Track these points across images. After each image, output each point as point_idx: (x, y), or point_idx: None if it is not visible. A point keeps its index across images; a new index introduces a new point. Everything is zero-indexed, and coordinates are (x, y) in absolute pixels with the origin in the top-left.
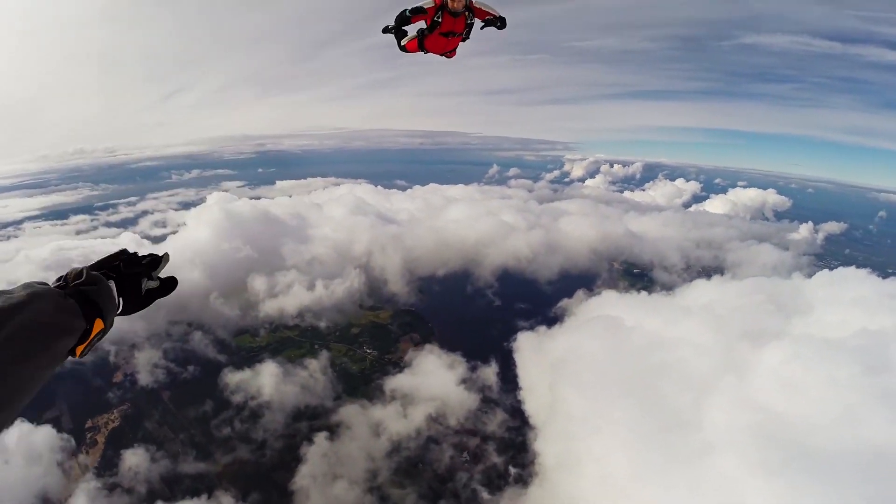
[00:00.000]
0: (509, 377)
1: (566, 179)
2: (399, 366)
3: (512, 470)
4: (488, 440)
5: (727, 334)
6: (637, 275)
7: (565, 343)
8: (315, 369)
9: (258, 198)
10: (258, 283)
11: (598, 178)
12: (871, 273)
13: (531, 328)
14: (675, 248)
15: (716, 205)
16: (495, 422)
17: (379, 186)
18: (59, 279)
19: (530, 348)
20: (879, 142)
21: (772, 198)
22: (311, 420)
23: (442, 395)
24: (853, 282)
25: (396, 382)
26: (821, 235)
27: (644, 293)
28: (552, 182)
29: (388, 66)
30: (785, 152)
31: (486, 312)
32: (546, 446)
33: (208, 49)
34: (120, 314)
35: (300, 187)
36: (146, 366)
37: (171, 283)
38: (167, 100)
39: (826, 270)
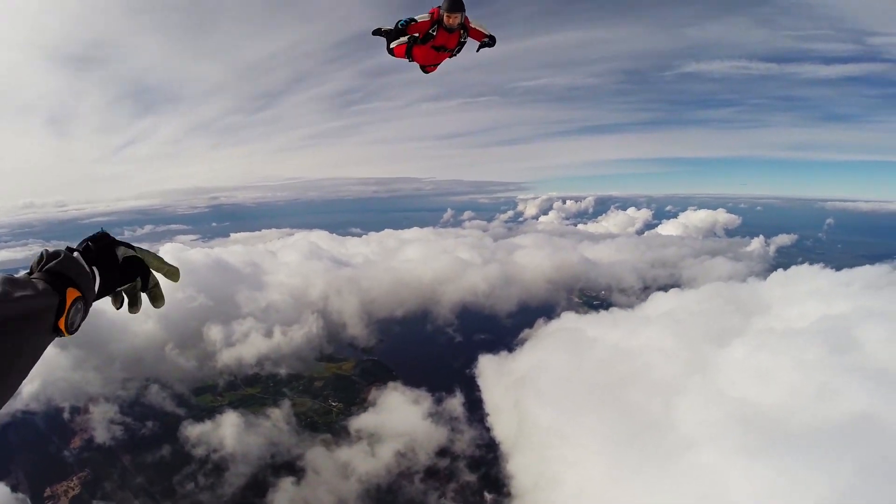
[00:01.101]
0: (476, 405)
1: (520, 219)
2: (363, 406)
3: (488, 496)
4: (460, 464)
5: (689, 338)
6: (595, 299)
7: (527, 361)
8: (278, 418)
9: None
10: (214, 333)
11: (552, 214)
12: (824, 268)
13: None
14: (631, 269)
15: (668, 228)
16: (466, 449)
17: (334, 235)
18: (24, 273)
19: (493, 372)
20: (821, 154)
21: (722, 217)
22: (276, 468)
23: (409, 431)
24: (807, 277)
25: (361, 422)
26: (772, 248)
27: (604, 312)
28: (506, 222)
29: (339, 114)
30: (732, 174)
31: (447, 349)
32: (519, 467)
33: (162, 99)
34: (105, 289)
35: (255, 239)
36: (102, 422)
37: (152, 261)
38: (119, 151)
39: (780, 270)
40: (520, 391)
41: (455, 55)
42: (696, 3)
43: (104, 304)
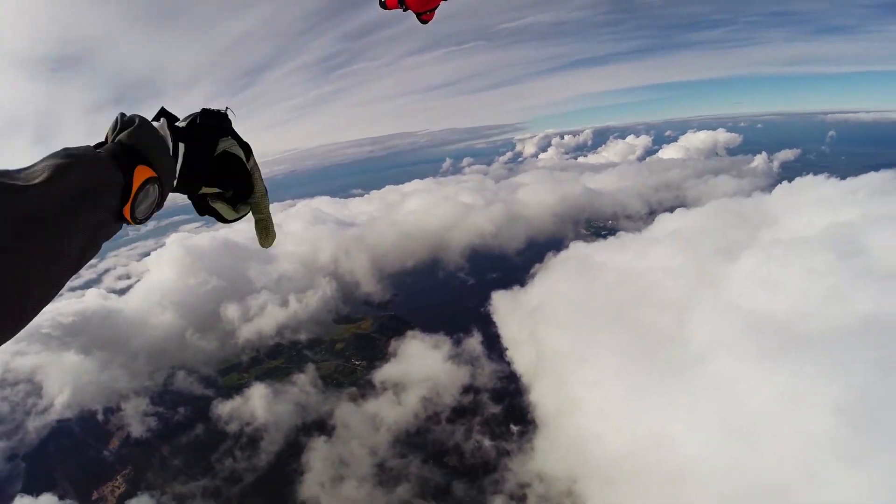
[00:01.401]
0: (494, 341)
1: (519, 159)
2: (386, 359)
3: (514, 427)
4: (483, 398)
5: (697, 254)
6: (602, 228)
7: (539, 292)
8: (304, 383)
9: None
10: (231, 311)
11: (551, 150)
12: (829, 177)
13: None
14: (636, 195)
15: (669, 152)
16: (488, 384)
17: (336, 199)
18: (97, 144)
19: (507, 308)
20: (818, 67)
21: (722, 136)
22: (307, 429)
23: (432, 375)
24: (813, 188)
25: (385, 374)
26: (776, 163)
27: (611, 238)
28: (506, 163)
29: (324, 81)
30: (729, 94)
31: (461, 292)
32: (541, 395)
33: (145, 94)
34: (187, 180)
35: None
36: (136, 416)
37: (251, 177)
38: None
39: (785, 182)
40: (535, 322)
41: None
42: None
43: (120, 304)
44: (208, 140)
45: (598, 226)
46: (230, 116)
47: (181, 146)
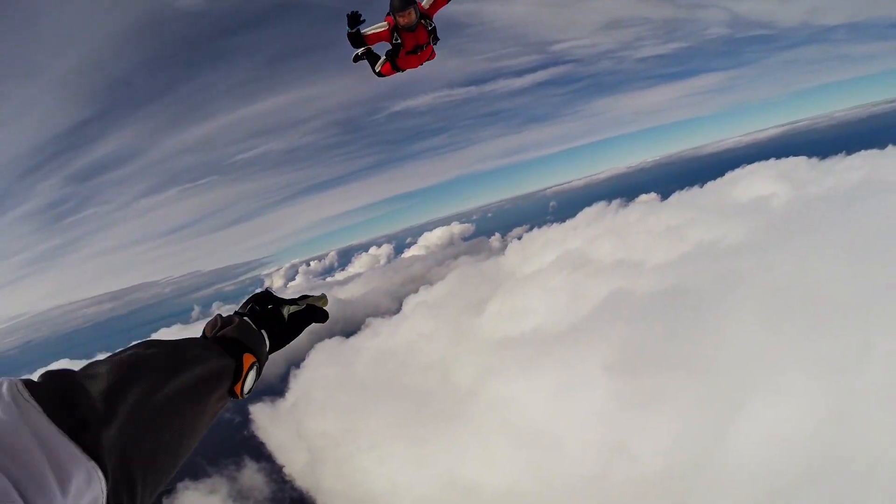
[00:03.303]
0: (268, 460)
1: None
2: None
3: None
4: None
5: (447, 317)
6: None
7: (298, 391)
8: None
9: None
10: None
11: (299, 278)
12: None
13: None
14: (384, 294)
15: (411, 253)
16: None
17: (77, 361)
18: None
19: (270, 419)
20: (530, 153)
21: (457, 228)
22: None
23: None
24: (539, 237)
25: None
26: (510, 239)
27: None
28: None
29: (53, 231)
30: (459, 193)
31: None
32: (325, 483)
33: None
34: (274, 346)
35: None
36: None
37: (317, 309)
38: None
39: (516, 241)
40: (297, 419)
41: (437, 41)
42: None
43: None
44: (276, 316)
45: (351, 330)
46: (271, 289)
47: (263, 332)
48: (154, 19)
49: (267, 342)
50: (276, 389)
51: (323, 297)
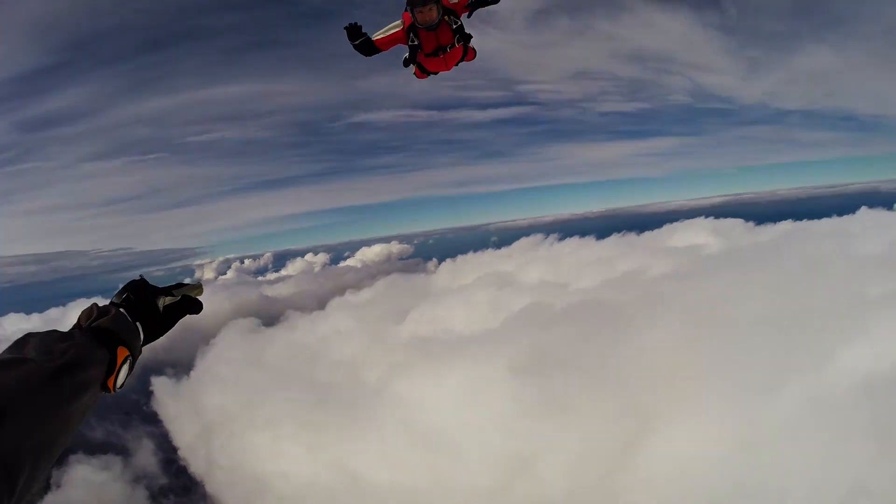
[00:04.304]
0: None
1: None
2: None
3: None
4: None
5: (368, 321)
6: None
7: (202, 370)
8: None
9: None
10: None
11: (230, 273)
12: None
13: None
14: (311, 297)
15: (346, 264)
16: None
17: None
18: (73, 326)
19: (171, 396)
20: (481, 187)
21: (396, 248)
22: None
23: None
24: (475, 259)
25: None
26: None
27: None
28: None
29: None
30: (404, 215)
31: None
32: (213, 456)
33: None
34: (148, 338)
35: None
36: None
37: (193, 300)
38: None
39: (449, 260)
40: (198, 395)
41: (467, 39)
42: (365, 58)
43: None
44: (151, 307)
45: (269, 321)
46: (147, 279)
47: (138, 324)
48: None
49: (141, 335)
50: (182, 363)
51: (199, 287)
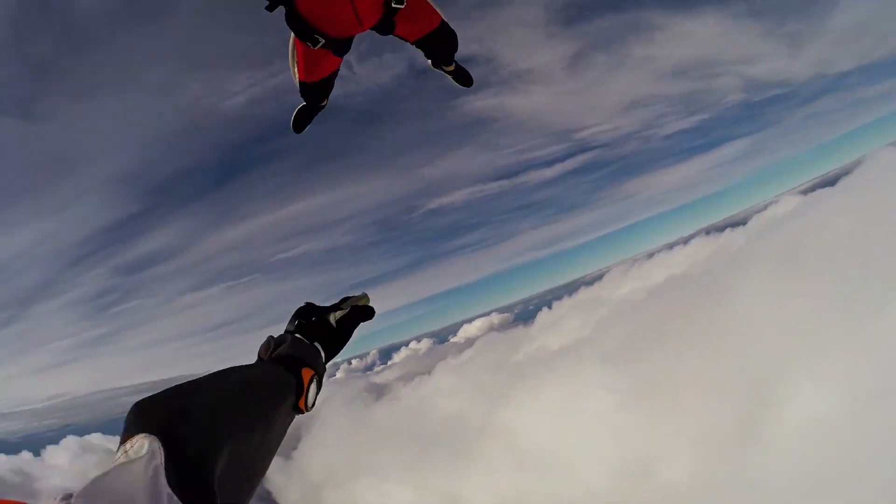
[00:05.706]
0: None
1: None
2: None
3: None
4: None
5: (468, 374)
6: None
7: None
8: None
9: None
10: None
11: (339, 374)
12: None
13: None
14: (416, 373)
15: (450, 343)
16: None
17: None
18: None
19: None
20: (569, 242)
21: (497, 318)
22: None
23: None
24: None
25: None
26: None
27: None
28: None
29: (98, 320)
30: (499, 287)
31: None
32: None
33: None
34: (330, 355)
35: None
36: None
37: (363, 308)
38: None
39: (546, 308)
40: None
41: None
42: (424, 146)
43: None
44: (324, 325)
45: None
46: (313, 302)
47: (316, 344)
48: (200, 124)
49: (322, 353)
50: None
51: (364, 296)
